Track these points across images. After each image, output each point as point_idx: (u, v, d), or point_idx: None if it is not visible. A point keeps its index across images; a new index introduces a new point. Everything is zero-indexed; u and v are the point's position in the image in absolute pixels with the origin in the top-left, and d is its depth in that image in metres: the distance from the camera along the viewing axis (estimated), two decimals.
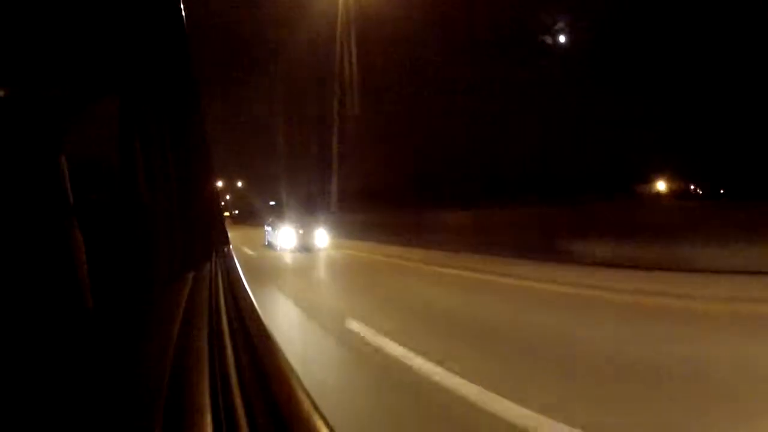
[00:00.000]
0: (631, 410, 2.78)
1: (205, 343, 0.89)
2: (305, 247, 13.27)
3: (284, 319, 5.75)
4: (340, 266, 11.14)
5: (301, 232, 13.41)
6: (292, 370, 0.78)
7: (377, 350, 4.14)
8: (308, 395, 0.69)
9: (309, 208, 16.98)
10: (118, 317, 0.77)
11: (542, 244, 9.69)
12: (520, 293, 6.79)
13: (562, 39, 16.77)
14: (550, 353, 3.93)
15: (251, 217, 31.83)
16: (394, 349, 4.09)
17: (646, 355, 3.74)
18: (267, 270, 10.18)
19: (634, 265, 7.87)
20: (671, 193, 17.76)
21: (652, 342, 4.11)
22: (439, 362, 3.61)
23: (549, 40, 16.77)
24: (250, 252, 13.83)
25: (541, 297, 6.40)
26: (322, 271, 10.46)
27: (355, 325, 4.95)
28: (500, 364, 3.75)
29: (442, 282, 8.08)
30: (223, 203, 48.10)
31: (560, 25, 16.71)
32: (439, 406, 2.98)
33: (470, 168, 14.73)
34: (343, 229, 15.99)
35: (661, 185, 18.07)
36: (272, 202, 27.07)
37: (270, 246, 14.81)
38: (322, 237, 13.57)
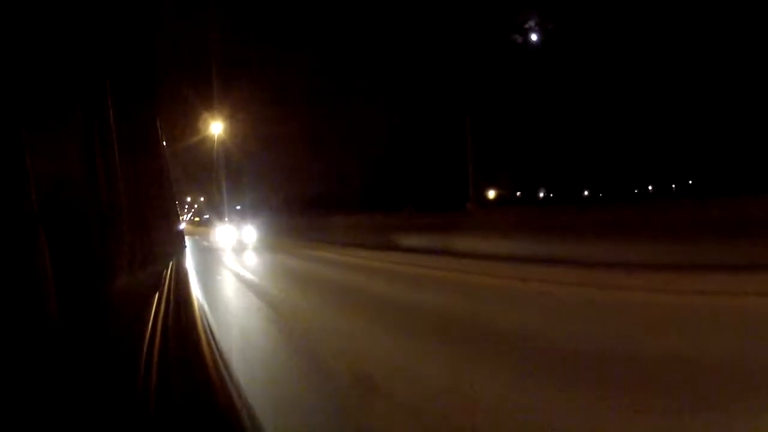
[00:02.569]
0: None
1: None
2: (238, 241, 20.37)
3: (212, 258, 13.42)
4: (250, 246, 18.77)
5: (236, 230, 20.56)
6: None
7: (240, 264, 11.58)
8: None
9: (245, 213, 24.00)
10: (80, 317, 0.80)
11: (383, 238, 16.68)
12: (341, 263, 13.23)
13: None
14: (320, 281, 10.97)
15: (214, 221, 40.30)
16: (249, 273, 11.31)
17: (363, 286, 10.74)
18: (213, 249, 17.86)
19: (436, 251, 13.04)
20: (498, 199, 24.85)
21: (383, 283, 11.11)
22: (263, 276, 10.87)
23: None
24: (205, 243, 21.13)
25: (350, 265, 12.38)
26: (240, 247, 18.10)
27: (230, 260, 12.39)
28: (288, 281, 10.94)
29: (298, 255, 15.08)
30: (192, 210, 55.06)
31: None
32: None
33: (348, 188, 22.23)
34: (271, 229, 23.25)
35: (491, 193, 25.22)
36: (238, 206, 33.40)
37: (218, 240, 21.87)
38: (251, 234, 20.69)
